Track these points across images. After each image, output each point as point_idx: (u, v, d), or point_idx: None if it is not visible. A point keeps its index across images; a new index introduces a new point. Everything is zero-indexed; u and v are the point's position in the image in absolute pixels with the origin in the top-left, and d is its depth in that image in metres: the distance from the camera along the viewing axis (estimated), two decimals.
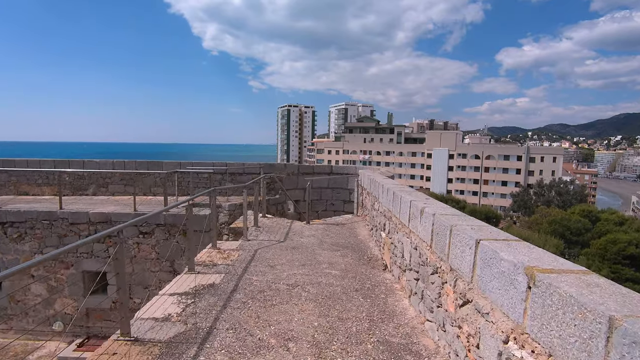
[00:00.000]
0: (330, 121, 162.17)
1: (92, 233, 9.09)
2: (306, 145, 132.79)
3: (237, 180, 11.55)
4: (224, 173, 11.45)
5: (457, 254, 2.76)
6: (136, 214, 8.95)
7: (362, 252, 6.13)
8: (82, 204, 9.88)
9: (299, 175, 12.00)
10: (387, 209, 5.59)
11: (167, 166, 11.69)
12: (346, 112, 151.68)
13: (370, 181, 7.58)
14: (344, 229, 7.66)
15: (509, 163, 79.53)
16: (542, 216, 44.47)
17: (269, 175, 9.93)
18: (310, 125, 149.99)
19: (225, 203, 10.41)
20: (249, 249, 5.95)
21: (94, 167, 11.97)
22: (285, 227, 7.76)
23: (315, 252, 5.89)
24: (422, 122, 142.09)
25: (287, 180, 11.71)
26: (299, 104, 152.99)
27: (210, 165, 11.54)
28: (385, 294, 4.35)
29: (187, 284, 4.39)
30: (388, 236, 5.43)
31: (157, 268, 9.07)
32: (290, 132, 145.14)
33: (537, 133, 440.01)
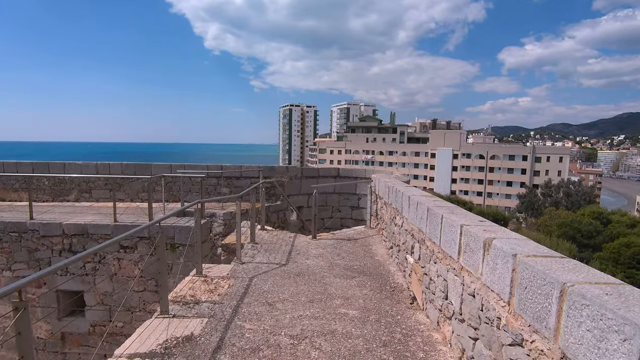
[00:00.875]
0: (332, 121, 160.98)
1: (67, 247, 7.95)
2: (308, 145, 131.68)
3: (234, 185, 10.41)
4: (219, 177, 10.30)
5: (587, 342, 1.58)
6: (116, 226, 7.81)
7: (383, 278, 4.95)
8: (57, 213, 8.73)
9: (302, 179, 10.84)
10: (416, 227, 4.43)
11: (156, 169, 10.54)
12: (348, 112, 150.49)
13: (388, 189, 6.41)
14: (357, 246, 6.48)
15: (514, 163, 78.24)
16: (551, 218, 43.21)
17: (269, 181, 8.77)
18: (312, 125, 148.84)
19: (220, 211, 9.26)
20: (242, 277, 4.78)
21: (76, 170, 10.83)
22: (287, 242, 6.60)
23: (326, 281, 4.72)
24: (424, 122, 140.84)
25: (289, 184, 10.55)
26: (301, 104, 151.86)
27: (204, 168, 10.38)
28: (423, 351, 3.18)
29: (156, 336, 3.23)
30: (419, 264, 4.27)
31: (142, 287, 7.92)
32: (292, 132, 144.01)
33: (539, 132, 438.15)
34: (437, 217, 3.58)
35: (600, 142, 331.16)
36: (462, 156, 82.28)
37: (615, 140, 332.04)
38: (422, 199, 4.40)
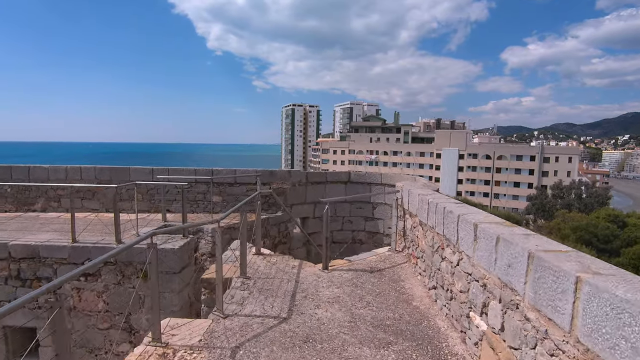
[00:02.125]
0: (335, 121, 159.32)
1: (14, 274, 6.34)
2: (311, 145, 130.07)
3: (227, 193, 8.79)
4: (209, 183, 8.68)
5: None
6: (74, 248, 6.20)
7: (432, 345, 3.31)
8: (9, 231, 7.14)
9: (307, 185, 9.21)
10: (494, 277, 2.79)
11: (135, 174, 8.93)
12: (351, 112, 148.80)
13: (426, 205, 4.76)
14: (384, 282, 4.82)
15: (521, 163, 76.41)
16: (564, 221, 41.41)
17: (267, 192, 7.15)
18: (314, 125, 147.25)
19: (209, 226, 7.66)
20: (221, 345, 3.15)
21: (42, 175, 9.24)
22: (289, 276, 4.96)
23: (348, 353, 3.08)
24: (428, 121, 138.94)
25: (292, 192, 8.93)
26: (304, 103, 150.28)
27: (191, 173, 8.76)
28: None
29: None
30: (501, 336, 2.64)
31: (107, 324, 6.31)
32: (294, 132, 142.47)
33: (543, 132, 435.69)
34: (567, 281, 1.94)
35: (605, 142, 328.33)
36: (468, 156, 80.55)
37: (619, 140, 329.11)
38: (504, 232, 2.76)
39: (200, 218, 8.27)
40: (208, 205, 8.82)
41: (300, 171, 9.00)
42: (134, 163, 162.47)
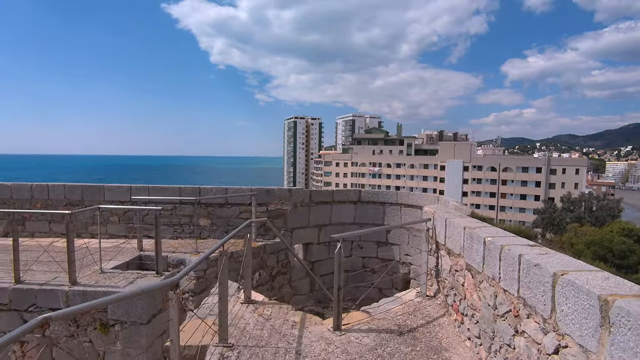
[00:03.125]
0: (337, 133, 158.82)
1: None
2: (313, 158, 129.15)
3: (216, 215, 7.48)
4: (195, 204, 7.39)
5: None
6: (15, 292, 4.89)
7: None
8: None
9: (311, 205, 7.90)
10: None
11: (110, 193, 7.67)
12: (353, 124, 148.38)
13: (482, 245, 3.43)
14: (421, 354, 3.44)
15: (527, 175, 74.98)
16: (576, 235, 39.76)
17: (261, 220, 5.85)
18: (317, 137, 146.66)
19: (192, 257, 6.35)
20: None
21: (4, 194, 7.99)
22: (287, 343, 3.61)
23: None
24: (431, 134, 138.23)
25: (294, 214, 7.62)
26: (306, 116, 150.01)
27: (175, 192, 7.48)
28: None
29: None
30: None
31: None
32: (296, 144, 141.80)
33: (545, 144, 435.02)
34: None
35: (608, 153, 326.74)
36: (472, 168, 79.25)
37: (622, 151, 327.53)
38: None
39: (184, 246, 6.96)
40: (195, 229, 7.52)
41: (303, 190, 7.71)
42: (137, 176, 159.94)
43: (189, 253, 6.39)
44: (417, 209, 7.72)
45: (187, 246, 6.89)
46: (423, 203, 7.55)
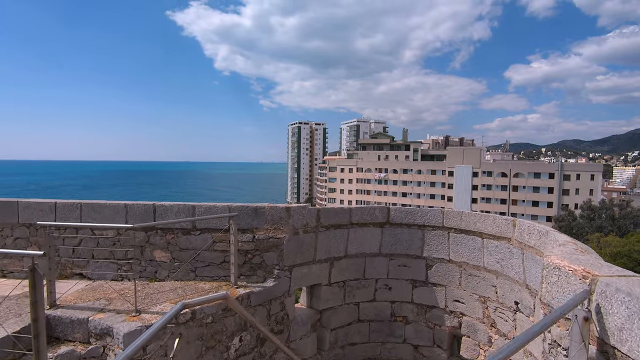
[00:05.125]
0: (342, 138, 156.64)
1: None
2: (317, 163, 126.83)
3: (180, 246, 5.03)
4: (151, 230, 4.96)
5: None
6: None
7: None
8: None
9: (319, 230, 5.44)
10: None
11: (26, 213, 5.26)
12: (358, 129, 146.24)
13: None
14: None
15: (539, 181, 72.16)
16: (600, 246, 36.95)
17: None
18: (321, 143, 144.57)
19: (128, 322, 3.89)
20: None
21: None
22: None
23: None
24: (437, 139, 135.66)
25: (293, 244, 5.15)
26: (310, 121, 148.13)
27: (119, 211, 5.04)
28: None
29: None
30: None
31: None
32: (300, 150, 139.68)
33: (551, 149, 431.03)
34: None
35: (614, 159, 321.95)
36: (482, 174, 76.58)
37: (629, 156, 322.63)
38: None
39: (127, 293, 4.50)
40: (147, 267, 5.07)
41: (307, 208, 5.24)
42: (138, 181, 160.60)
43: (123, 313, 3.94)
44: (474, 236, 5.24)
45: (130, 295, 4.43)
46: (484, 228, 5.08)
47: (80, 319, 3.91)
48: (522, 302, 4.53)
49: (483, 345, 5.33)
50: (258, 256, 5.02)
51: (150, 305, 4.16)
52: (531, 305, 4.34)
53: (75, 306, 4.16)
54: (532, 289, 4.28)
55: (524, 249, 4.42)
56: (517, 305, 4.68)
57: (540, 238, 4.06)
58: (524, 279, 4.45)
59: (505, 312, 4.90)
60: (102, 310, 4.07)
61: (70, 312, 4.00)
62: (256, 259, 5.03)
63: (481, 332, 5.33)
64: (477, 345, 5.41)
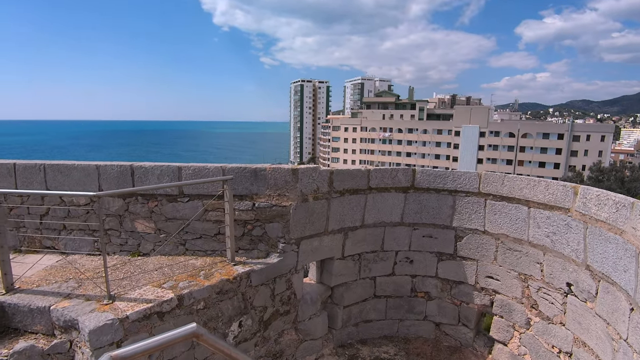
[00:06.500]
0: (346, 97, 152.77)
1: None
2: (320, 123, 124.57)
3: (166, 215, 4.21)
4: (130, 197, 4.12)
5: None
6: None
7: None
8: None
9: (332, 195, 4.58)
10: None
11: None
12: (362, 87, 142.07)
13: None
14: None
15: (548, 142, 70.51)
16: None
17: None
18: (324, 102, 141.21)
19: (98, 311, 3.13)
20: None
21: None
22: None
23: None
24: (443, 98, 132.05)
25: (301, 213, 4.31)
26: (313, 79, 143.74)
27: (90, 173, 4.17)
28: None
29: None
30: None
31: None
32: (303, 109, 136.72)
33: (558, 109, 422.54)
34: None
35: (623, 120, 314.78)
36: (489, 134, 74.86)
37: (638, 117, 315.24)
38: None
39: (102, 272, 3.73)
40: (129, 239, 4.27)
41: (319, 169, 4.33)
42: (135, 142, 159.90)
43: (94, 300, 3.18)
44: (518, 204, 4.37)
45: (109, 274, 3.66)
46: (533, 195, 4.19)
47: (40, 307, 3.15)
48: (578, 285, 3.75)
49: (519, 328, 4.64)
50: (259, 227, 4.20)
51: (128, 290, 3.39)
52: (592, 290, 3.55)
53: (37, 290, 3.40)
54: (595, 271, 3.47)
55: (589, 223, 3.56)
56: (569, 287, 3.90)
57: (619, 211, 3.17)
58: (583, 258, 3.63)
59: (552, 293, 4.14)
60: (69, 296, 3.31)
61: (29, 299, 3.25)
62: (257, 230, 4.21)
63: (518, 312, 4.61)
64: (512, 326, 4.72)
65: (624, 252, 3.05)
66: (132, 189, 3.69)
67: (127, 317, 2.96)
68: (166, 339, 1.07)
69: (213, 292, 3.58)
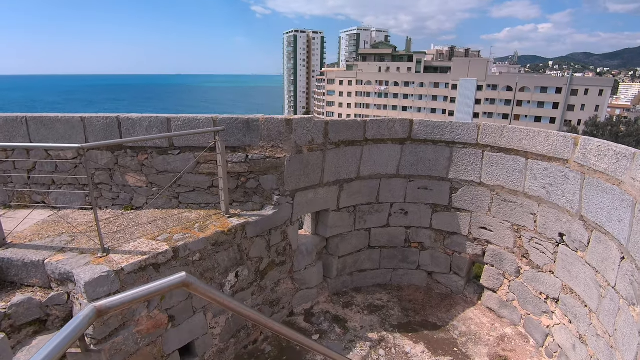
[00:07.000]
0: (341, 49, 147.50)
1: None
2: (315, 76, 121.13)
3: (157, 168, 4.11)
4: (118, 149, 3.99)
5: None
6: None
7: None
8: None
9: (327, 147, 4.48)
10: None
11: None
12: (358, 38, 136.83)
13: None
14: None
15: (545, 96, 69.59)
16: None
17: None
18: (319, 54, 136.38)
19: (93, 264, 3.12)
20: None
21: None
22: None
23: None
24: (441, 50, 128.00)
25: (296, 165, 4.23)
26: (307, 29, 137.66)
27: (74, 126, 4.00)
28: None
29: None
30: None
31: None
32: (297, 61, 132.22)
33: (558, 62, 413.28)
34: None
35: (623, 74, 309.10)
36: (487, 88, 73.59)
37: (638, 71, 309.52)
38: None
39: (95, 226, 3.69)
40: (120, 193, 4.20)
41: (314, 120, 4.19)
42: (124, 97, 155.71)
43: (88, 254, 3.17)
44: (517, 156, 4.31)
45: (102, 228, 3.62)
46: (532, 147, 4.12)
47: (34, 261, 3.13)
48: (570, 235, 3.79)
49: (509, 276, 4.77)
50: (253, 180, 4.13)
51: (122, 243, 3.36)
52: (584, 240, 3.59)
53: (30, 245, 3.36)
54: (589, 222, 3.49)
55: (587, 174, 3.52)
56: (561, 238, 3.95)
57: (619, 161, 3.12)
58: (578, 208, 3.64)
59: (544, 243, 4.20)
60: (63, 249, 3.28)
61: (22, 253, 3.21)
62: (251, 182, 4.14)
63: (508, 262, 4.72)
64: (502, 275, 4.86)
65: (620, 202, 3.04)
66: (119, 140, 3.55)
67: (122, 269, 2.95)
68: (154, 289, 1.02)
69: (208, 244, 3.57)
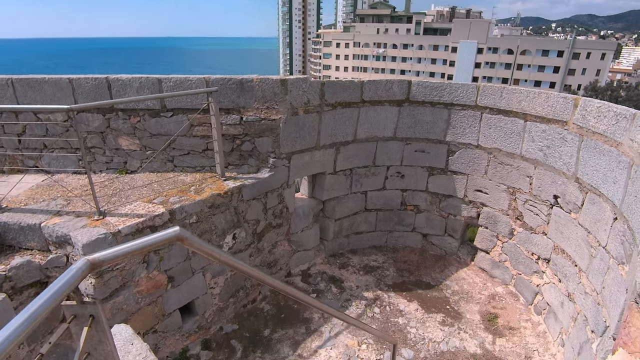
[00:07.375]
0: (338, 9, 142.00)
1: None
2: (310, 38, 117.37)
3: (150, 131, 4.03)
4: (110, 112, 3.89)
5: None
6: None
7: None
8: None
9: (323, 109, 4.39)
10: None
11: None
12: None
13: None
14: None
15: (547, 59, 68.15)
16: None
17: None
18: (315, 14, 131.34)
19: (89, 227, 3.12)
20: None
21: None
22: None
23: None
24: (442, 10, 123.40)
25: (292, 127, 4.17)
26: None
27: (65, 87, 3.87)
28: None
29: None
30: None
31: None
32: (292, 23, 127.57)
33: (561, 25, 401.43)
34: None
35: (626, 37, 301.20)
36: (487, 51, 71.81)
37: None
38: None
39: (90, 190, 3.67)
40: (114, 157, 4.14)
41: (309, 80, 4.08)
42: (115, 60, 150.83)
43: (84, 217, 3.16)
44: (515, 118, 4.26)
45: (97, 191, 3.60)
46: (531, 108, 4.06)
47: (31, 224, 3.13)
48: (565, 197, 3.82)
49: (502, 237, 4.86)
50: (248, 142, 4.07)
51: (119, 206, 3.36)
52: (578, 202, 3.63)
53: (25, 209, 3.35)
54: (584, 184, 3.51)
55: (585, 136, 3.50)
56: (555, 200, 3.99)
57: (618, 122, 3.08)
58: (574, 171, 3.64)
59: (538, 205, 4.25)
60: (59, 213, 3.27)
61: (18, 217, 3.20)
62: (246, 145, 4.09)
63: (502, 224, 4.79)
64: (495, 236, 4.95)
65: (617, 164, 3.03)
66: (109, 101, 3.44)
67: (119, 231, 2.96)
68: (148, 242, 1.01)
69: (205, 207, 3.58)
